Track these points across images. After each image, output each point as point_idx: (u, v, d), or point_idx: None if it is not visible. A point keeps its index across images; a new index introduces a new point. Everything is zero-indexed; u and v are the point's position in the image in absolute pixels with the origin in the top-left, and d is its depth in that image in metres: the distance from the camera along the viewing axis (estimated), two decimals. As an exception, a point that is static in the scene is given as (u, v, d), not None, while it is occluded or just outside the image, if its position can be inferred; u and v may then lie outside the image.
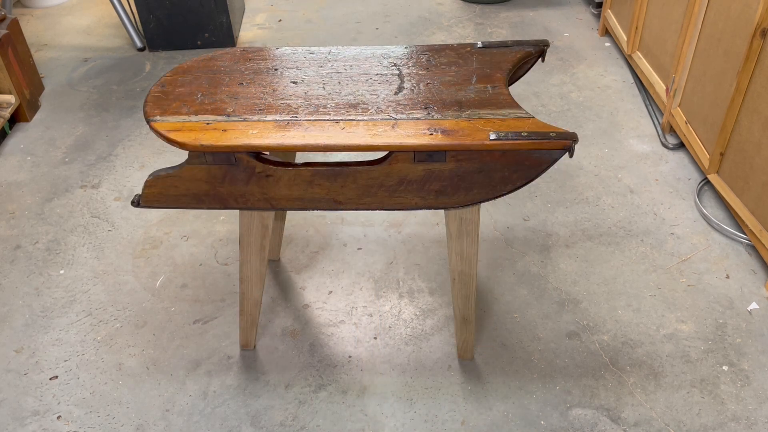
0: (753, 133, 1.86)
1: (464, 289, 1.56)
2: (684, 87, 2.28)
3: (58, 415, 1.60)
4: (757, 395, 1.60)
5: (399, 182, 1.35)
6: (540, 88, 2.78)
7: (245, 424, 1.57)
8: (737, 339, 1.73)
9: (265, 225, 1.49)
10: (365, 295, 1.89)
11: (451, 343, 1.74)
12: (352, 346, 1.75)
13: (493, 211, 2.16)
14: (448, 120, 1.33)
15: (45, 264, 2.02)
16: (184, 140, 1.28)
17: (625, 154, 2.39)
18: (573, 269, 1.95)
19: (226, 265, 2.00)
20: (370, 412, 1.59)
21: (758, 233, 1.86)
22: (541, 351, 1.72)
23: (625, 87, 2.76)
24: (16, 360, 1.74)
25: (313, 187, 1.37)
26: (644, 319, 1.79)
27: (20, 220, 2.19)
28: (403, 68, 1.51)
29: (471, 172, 1.33)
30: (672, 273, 1.92)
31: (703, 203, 2.15)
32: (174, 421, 1.58)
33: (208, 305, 1.87)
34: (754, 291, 1.85)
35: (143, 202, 1.42)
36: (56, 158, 2.47)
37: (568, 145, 1.28)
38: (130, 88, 2.88)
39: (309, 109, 1.38)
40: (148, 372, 1.70)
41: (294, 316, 1.83)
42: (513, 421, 1.56)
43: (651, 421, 1.55)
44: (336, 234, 2.10)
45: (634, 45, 2.73)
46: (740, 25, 1.88)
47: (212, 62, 1.55)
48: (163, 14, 3.05)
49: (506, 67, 1.50)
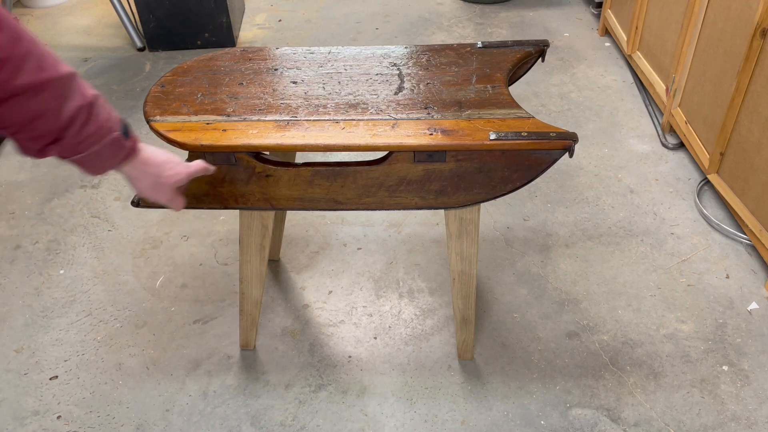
0: (753, 133, 1.86)
1: (464, 289, 1.56)
2: (684, 87, 2.28)
3: (58, 415, 1.61)
4: (757, 395, 1.60)
5: (399, 182, 1.35)
6: (540, 88, 2.78)
7: (245, 424, 1.57)
8: (737, 339, 1.73)
9: (265, 225, 1.49)
10: (365, 295, 1.89)
11: (451, 343, 1.74)
12: (352, 346, 1.75)
13: (493, 211, 2.16)
14: (448, 120, 1.33)
15: (45, 264, 2.02)
16: (184, 140, 1.28)
17: (625, 154, 2.39)
18: (573, 269, 1.95)
19: (226, 265, 2.00)
20: (370, 412, 1.59)
21: (758, 233, 1.86)
22: (541, 351, 1.72)
23: (625, 87, 2.76)
24: (16, 360, 1.74)
25: (313, 187, 1.37)
26: (644, 319, 1.79)
27: (20, 220, 2.19)
28: (403, 68, 1.51)
29: (471, 172, 1.33)
30: (672, 273, 1.92)
31: (703, 203, 2.15)
32: (174, 421, 1.58)
33: (208, 305, 1.87)
34: (754, 291, 1.85)
35: (143, 203, 1.41)
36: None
37: (568, 145, 1.28)
38: (130, 88, 2.88)
39: (309, 109, 1.38)
40: (148, 372, 1.70)
41: (294, 316, 1.83)
42: (513, 421, 1.56)
43: (651, 421, 1.55)
44: (336, 234, 2.10)
45: (634, 45, 2.73)
46: (740, 25, 1.88)
47: (212, 62, 1.55)
48: (163, 14, 3.05)
49: (506, 67, 1.50)
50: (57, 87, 0.84)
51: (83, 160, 0.92)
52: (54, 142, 0.88)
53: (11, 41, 0.78)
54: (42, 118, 0.84)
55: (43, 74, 0.82)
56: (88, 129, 0.89)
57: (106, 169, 0.96)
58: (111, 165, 0.96)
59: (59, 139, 0.87)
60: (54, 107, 0.84)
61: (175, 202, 1.11)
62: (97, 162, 0.93)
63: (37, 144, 0.87)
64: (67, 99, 0.85)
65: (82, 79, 0.90)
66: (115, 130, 0.93)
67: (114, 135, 0.92)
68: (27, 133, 0.86)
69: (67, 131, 0.87)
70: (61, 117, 0.85)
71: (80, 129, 0.88)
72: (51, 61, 0.84)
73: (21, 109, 0.82)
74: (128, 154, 0.97)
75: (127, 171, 1.01)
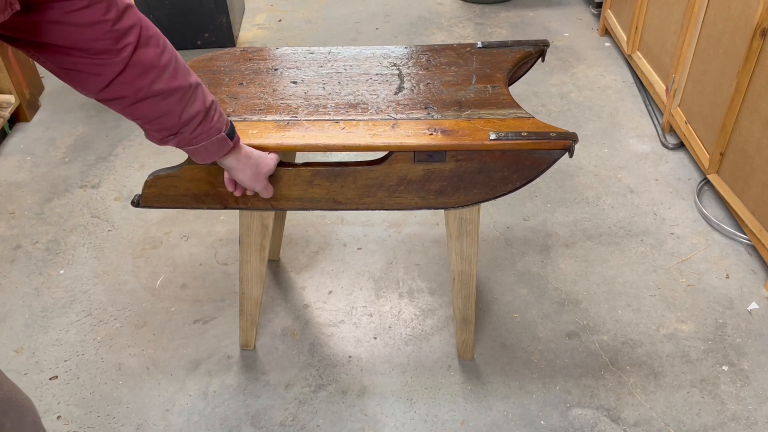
0: (753, 133, 1.86)
1: (464, 289, 1.56)
2: (684, 87, 2.28)
3: (58, 415, 1.60)
4: (757, 395, 1.60)
5: (399, 182, 1.35)
6: (540, 88, 2.78)
7: (245, 424, 1.57)
8: (737, 339, 1.73)
9: (265, 225, 1.49)
10: (365, 295, 1.89)
11: (451, 343, 1.74)
12: (352, 346, 1.75)
13: (493, 211, 2.16)
14: (448, 120, 1.33)
15: (45, 264, 2.02)
16: (184, 140, 1.28)
17: (625, 154, 2.39)
18: (573, 269, 1.95)
19: (226, 265, 2.00)
20: (370, 412, 1.59)
21: (758, 233, 1.86)
22: (541, 351, 1.72)
23: (625, 87, 2.76)
24: (16, 360, 1.74)
25: (313, 187, 1.37)
26: (644, 319, 1.79)
27: (20, 220, 2.19)
28: (403, 68, 1.51)
29: (471, 172, 1.33)
30: (672, 273, 1.92)
31: (703, 203, 2.15)
32: (174, 421, 1.58)
33: (208, 305, 1.87)
34: (754, 291, 1.85)
35: (143, 202, 1.41)
36: (56, 158, 2.47)
37: (568, 145, 1.28)
38: (130, 88, 2.88)
39: (309, 109, 1.38)
40: (148, 372, 1.70)
41: (294, 316, 1.83)
42: (513, 421, 1.56)
43: (651, 421, 1.55)
44: (336, 234, 2.10)
45: (634, 45, 2.73)
46: (740, 25, 1.88)
47: (212, 62, 1.55)
48: (163, 14, 3.05)
49: (506, 67, 1.50)
50: (183, 93, 1.03)
51: (195, 150, 1.12)
52: (174, 135, 1.08)
53: (158, 55, 0.97)
54: (167, 116, 1.04)
55: (174, 82, 1.01)
56: (201, 128, 1.09)
57: (212, 158, 1.16)
58: (216, 156, 1.16)
59: (178, 134, 1.08)
60: (178, 109, 1.04)
61: (267, 189, 1.31)
62: (205, 153, 1.14)
63: (160, 134, 1.08)
64: (189, 103, 1.05)
65: (204, 87, 1.09)
66: (222, 130, 1.13)
67: (221, 135, 1.13)
68: (153, 125, 1.05)
69: (185, 128, 1.07)
70: (183, 117, 1.05)
71: (195, 128, 1.08)
72: (183, 72, 1.03)
73: (152, 107, 1.01)
74: (230, 150, 1.17)
75: (232, 163, 1.21)
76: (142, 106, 1.00)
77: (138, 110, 1.01)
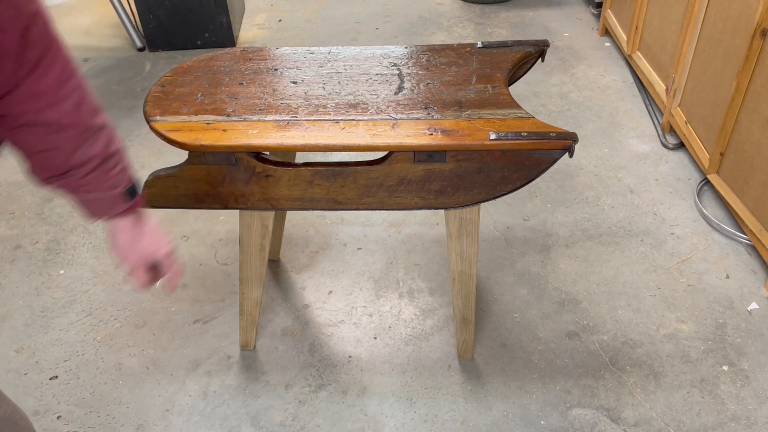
0: (753, 133, 1.86)
1: (464, 289, 1.56)
2: (684, 87, 2.28)
3: (58, 415, 1.60)
4: (757, 395, 1.60)
5: (399, 182, 1.35)
6: (540, 88, 2.78)
7: (245, 424, 1.57)
8: (737, 339, 1.73)
9: (265, 225, 1.49)
10: (365, 295, 1.89)
11: (451, 343, 1.74)
12: (352, 346, 1.75)
13: (493, 211, 2.16)
14: (448, 120, 1.33)
15: (45, 264, 2.02)
16: (184, 140, 1.28)
17: (625, 154, 2.39)
18: (573, 269, 1.95)
19: (226, 265, 2.00)
20: (370, 412, 1.59)
21: (758, 233, 1.86)
22: (541, 351, 1.72)
23: (625, 87, 2.76)
24: (16, 360, 1.74)
25: (313, 187, 1.37)
26: (644, 319, 1.79)
27: (20, 220, 2.19)
28: (403, 68, 1.51)
29: (471, 172, 1.33)
30: (672, 273, 1.92)
31: (703, 203, 2.15)
32: (174, 421, 1.58)
33: (208, 305, 1.87)
34: (754, 291, 1.85)
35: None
36: (56, 158, 2.47)
37: (568, 145, 1.28)
38: (130, 88, 2.88)
39: (309, 109, 1.38)
40: (148, 372, 1.70)
41: (294, 316, 1.83)
42: (513, 421, 1.56)
43: (651, 421, 1.55)
44: (336, 234, 2.10)
45: (634, 45, 2.73)
46: (740, 25, 1.88)
47: (212, 62, 1.55)
48: (163, 14, 3.05)
49: (506, 67, 1.50)
50: (80, 132, 0.89)
51: (82, 201, 0.98)
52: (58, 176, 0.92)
53: (59, 82, 0.84)
54: (54, 152, 0.89)
55: (73, 117, 0.87)
56: (93, 177, 0.93)
57: (100, 216, 1.01)
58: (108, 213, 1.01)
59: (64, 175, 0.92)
60: (69, 148, 0.89)
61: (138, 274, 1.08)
62: (93, 208, 0.99)
63: (44, 173, 0.92)
64: (86, 145, 0.90)
65: (115, 135, 0.95)
66: (119, 187, 0.98)
67: (116, 191, 0.97)
68: (37, 160, 0.90)
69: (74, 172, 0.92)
70: (73, 158, 0.90)
71: (86, 174, 0.92)
72: (88, 109, 0.89)
73: (36, 138, 0.86)
74: (124, 212, 1.01)
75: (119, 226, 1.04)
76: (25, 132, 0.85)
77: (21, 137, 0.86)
